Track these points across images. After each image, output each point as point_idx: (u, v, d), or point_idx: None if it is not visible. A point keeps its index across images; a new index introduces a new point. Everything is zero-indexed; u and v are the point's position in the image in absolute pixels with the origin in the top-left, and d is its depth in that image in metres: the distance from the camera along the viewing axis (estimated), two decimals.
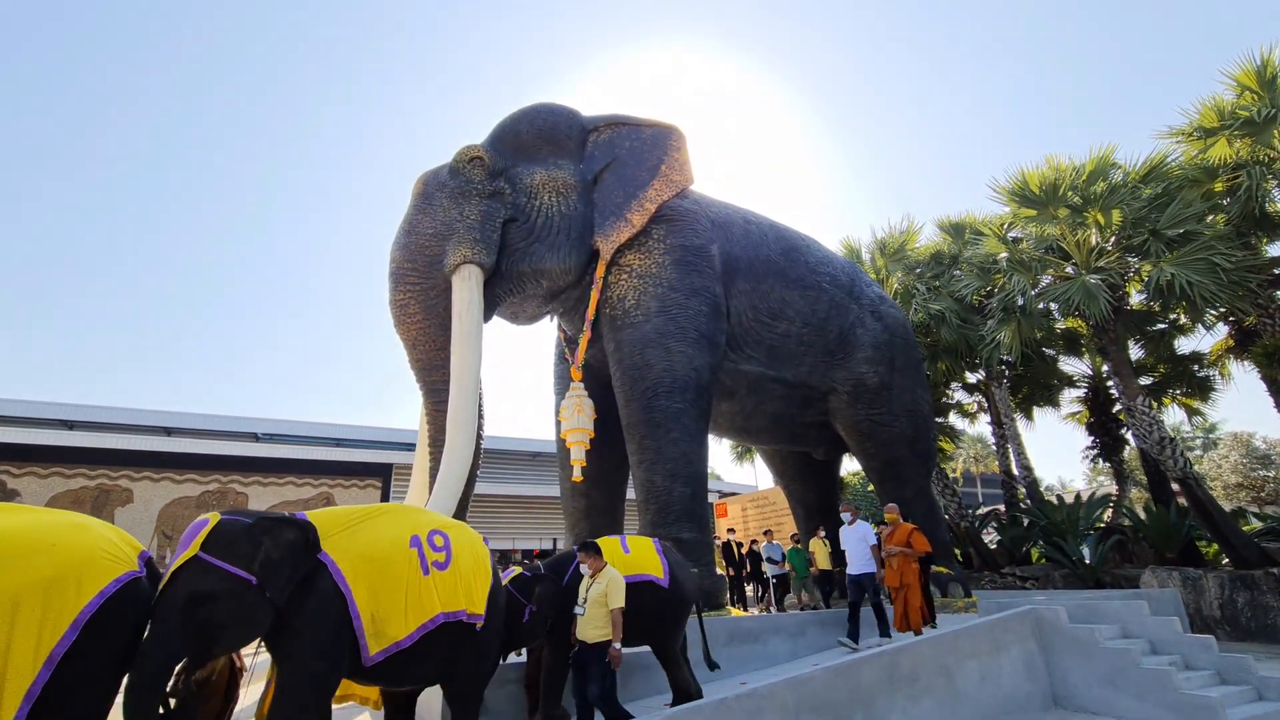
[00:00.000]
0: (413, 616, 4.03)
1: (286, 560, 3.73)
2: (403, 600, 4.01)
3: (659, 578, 5.48)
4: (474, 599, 4.35)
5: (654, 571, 5.49)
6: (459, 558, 4.41)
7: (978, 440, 37.66)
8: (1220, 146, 10.96)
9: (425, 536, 4.32)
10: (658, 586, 5.44)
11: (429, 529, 4.42)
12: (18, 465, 19.25)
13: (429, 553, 4.25)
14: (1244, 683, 6.46)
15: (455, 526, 4.74)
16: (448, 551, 4.36)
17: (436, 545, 4.33)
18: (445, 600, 4.19)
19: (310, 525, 3.91)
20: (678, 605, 5.55)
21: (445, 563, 4.30)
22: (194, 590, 3.41)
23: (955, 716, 6.21)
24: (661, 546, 5.79)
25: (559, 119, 9.41)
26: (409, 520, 4.43)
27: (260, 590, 3.57)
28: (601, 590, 4.91)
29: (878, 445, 10.59)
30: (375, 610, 3.89)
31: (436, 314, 8.27)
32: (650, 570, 5.48)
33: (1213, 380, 14.37)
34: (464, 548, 4.52)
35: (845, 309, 10.49)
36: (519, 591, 5.19)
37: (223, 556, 3.54)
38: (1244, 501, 25.09)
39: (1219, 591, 10.08)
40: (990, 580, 13.22)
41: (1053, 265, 12.41)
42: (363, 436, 26.19)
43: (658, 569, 5.52)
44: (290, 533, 3.81)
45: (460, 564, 4.38)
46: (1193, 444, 34.72)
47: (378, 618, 3.89)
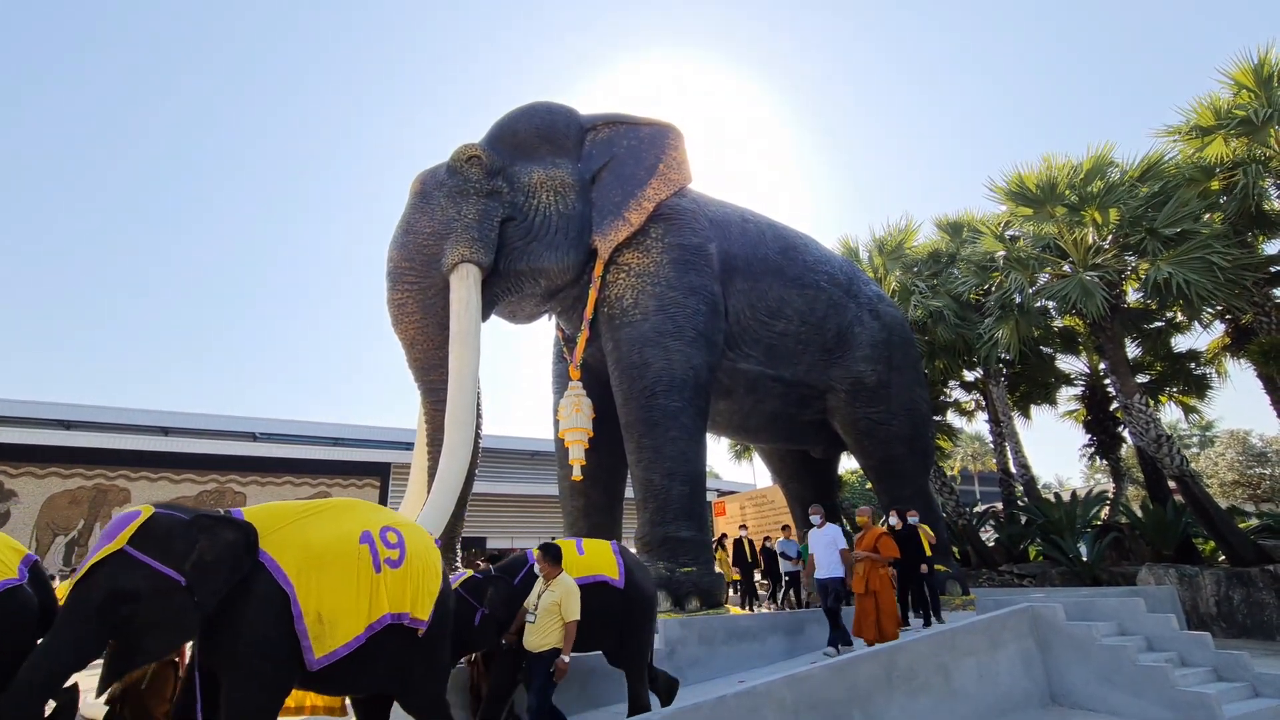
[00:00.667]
0: (363, 616, 3.80)
1: (223, 563, 3.43)
2: (352, 599, 3.78)
3: (613, 578, 5.29)
4: (419, 603, 4.11)
5: (608, 572, 5.30)
6: (413, 558, 4.18)
7: (975, 438, 37.75)
8: (1217, 145, 11.00)
9: (378, 533, 4.11)
10: (611, 587, 5.25)
11: (381, 525, 4.20)
12: (14, 465, 19.21)
13: (382, 549, 4.04)
14: (1240, 679, 6.49)
15: (409, 526, 4.54)
16: (402, 550, 4.15)
17: (390, 542, 4.12)
18: (394, 600, 3.98)
19: (250, 527, 3.63)
20: (634, 606, 5.32)
21: (399, 561, 4.09)
22: (115, 587, 3.10)
23: (953, 714, 6.23)
24: (618, 548, 5.60)
25: (557, 118, 9.40)
26: (360, 516, 4.21)
27: (189, 593, 3.28)
28: (555, 599, 4.69)
29: (876, 443, 10.60)
30: (321, 610, 3.64)
31: (434, 313, 8.26)
32: (604, 571, 5.30)
33: (1209, 378, 14.41)
34: (417, 548, 4.29)
35: (843, 307, 10.50)
36: (470, 594, 5.03)
37: (152, 553, 3.24)
38: (1240, 499, 25.17)
39: (1215, 588, 10.12)
40: (988, 578, 13.26)
41: (1050, 263, 12.44)
42: (361, 436, 26.16)
43: (612, 569, 5.33)
44: (230, 533, 3.52)
45: (413, 564, 4.16)
46: (1189, 442, 34.82)
47: (325, 618, 3.64)
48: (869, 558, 6.96)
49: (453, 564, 8.37)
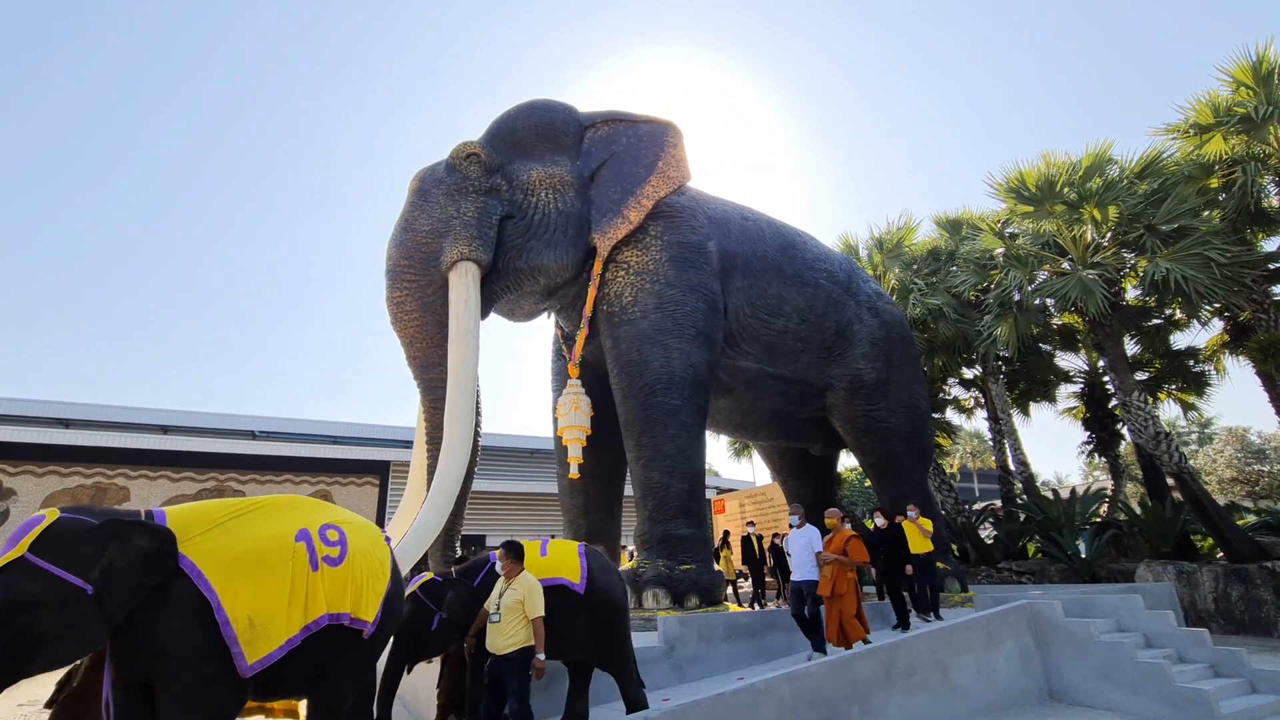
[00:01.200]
0: (298, 617, 3.64)
1: (134, 570, 3.22)
2: (285, 600, 3.62)
3: (573, 582, 5.07)
4: (363, 604, 3.94)
5: (568, 575, 5.09)
6: (355, 556, 4.02)
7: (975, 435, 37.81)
8: (1216, 143, 10.99)
9: (316, 530, 3.95)
10: (570, 591, 5.03)
11: (321, 523, 4.04)
12: (14, 464, 19.19)
13: (320, 547, 3.88)
14: (1237, 675, 6.51)
15: (355, 524, 4.35)
16: (343, 547, 3.98)
17: (330, 539, 3.97)
18: (332, 600, 3.80)
19: (167, 531, 3.42)
20: (603, 612, 5.12)
21: (339, 559, 3.92)
22: (12, 596, 2.91)
23: (951, 711, 6.25)
24: (585, 550, 5.40)
25: (556, 115, 9.39)
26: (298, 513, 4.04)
27: (96, 602, 3.09)
28: (517, 597, 4.55)
29: (875, 441, 10.61)
30: (253, 614, 3.47)
31: (434, 311, 8.26)
32: (564, 574, 5.09)
33: (1208, 375, 14.44)
34: (362, 547, 4.12)
35: (842, 305, 10.51)
36: (428, 598, 4.91)
37: (55, 559, 3.04)
38: (1239, 496, 25.20)
39: (1213, 585, 10.14)
40: (987, 575, 13.29)
41: (1049, 261, 12.45)
42: (360, 434, 26.14)
43: (573, 573, 5.12)
44: (143, 538, 3.30)
45: (355, 563, 4.00)
46: (1188, 439, 34.87)
47: (256, 622, 3.47)
48: (837, 561, 6.78)
49: (452, 562, 8.39)
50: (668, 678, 6.35)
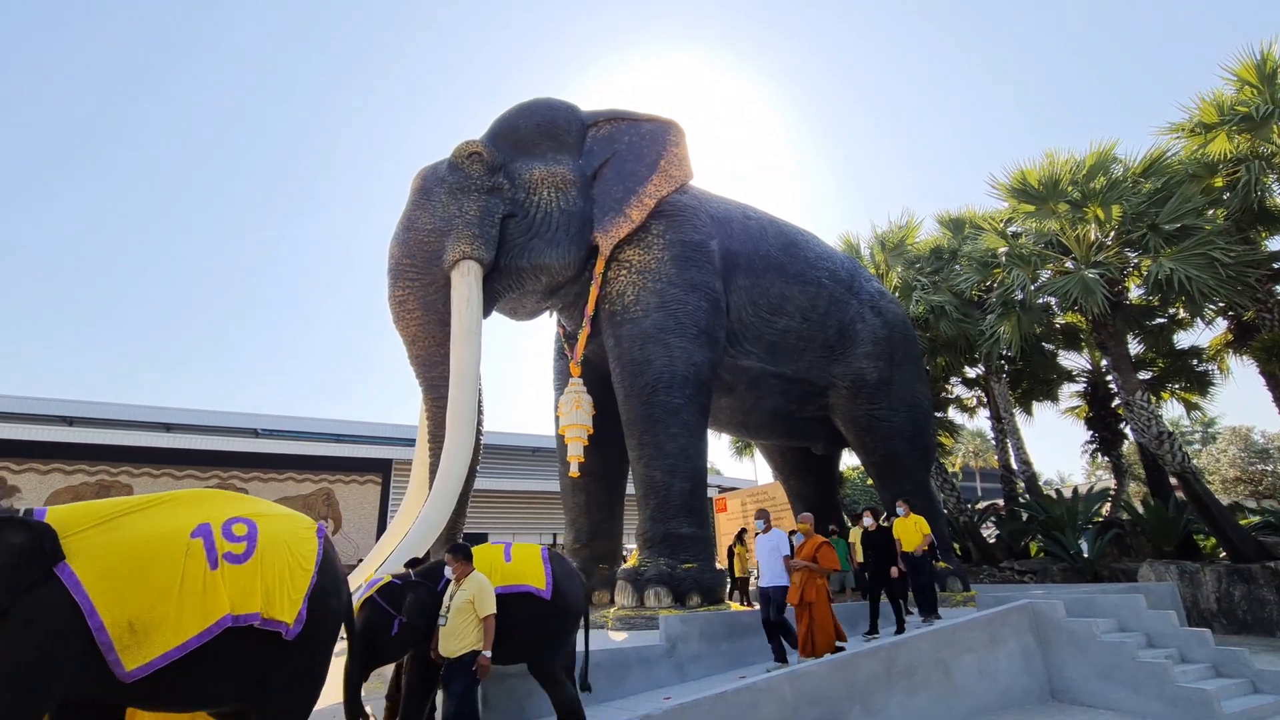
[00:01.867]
0: (192, 619, 3.35)
1: (4, 570, 3.03)
2: (175, 601, 3.33)
3: (539, 589, 4.97)
4: (276, 601, 3.63)
5: (534, 582, 4.99)
6: (266, 551, 3.71)
7: (977, 435, 37.69)
8: (1220, 141, 10.95)
9: (219, 525, 3.67)
10: (536, 598, 4.94)
11: (227, 517, 3.75)
12: (18, 462, 19.27)
13: (222, 543, 3.60)
14: (1240, 675, 6.50)
15: (272, 516, 4.02)
16: (250, 542, 3.69)
17: (235, 534, 3.68)
18: (236, 600, 3.49)
19: (46, 529, 3.20)
20: (560, 619, 5.03)
21: (244, 555, 3.63)
22: None
23: (952, 710, 6.25)
24: (549, 555, 5.29)
25: (558, 114, 9.38)
26: (201, 508, 3.78)
27: None
28: (467, 598, 4.43)
29: (877, 440, 10.60)
30: (135, 617, 3.21)
31: (436, 310, 8.27)
32: (530, 580, 4.99)
33: (1211, 375, 14.40)
34: (276, 540, 3.80)
35: (845, 304, 10.49)
36: (387, 601, 4.77)
37: None
38: (1242, 496, 25.14)
39: (1216, 585, 10.13)
40: (988, 574, 13.28)
41: (1052, 260, 12.42)
42: (363, 432, 26.19)
43: (539, 579, 5.01)
44: (16, 536, 3.10)
45: (266, 559, 3.69)
46: (1191, 438, 34.78)
47: (139, 626, 3.21)
48: (807, 567, 6.57)
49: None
50: (669, 676, 6.36)
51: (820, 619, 6.48)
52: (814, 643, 6.39)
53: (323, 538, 4.16)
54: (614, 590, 8.19)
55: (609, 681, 5.99)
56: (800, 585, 6.53)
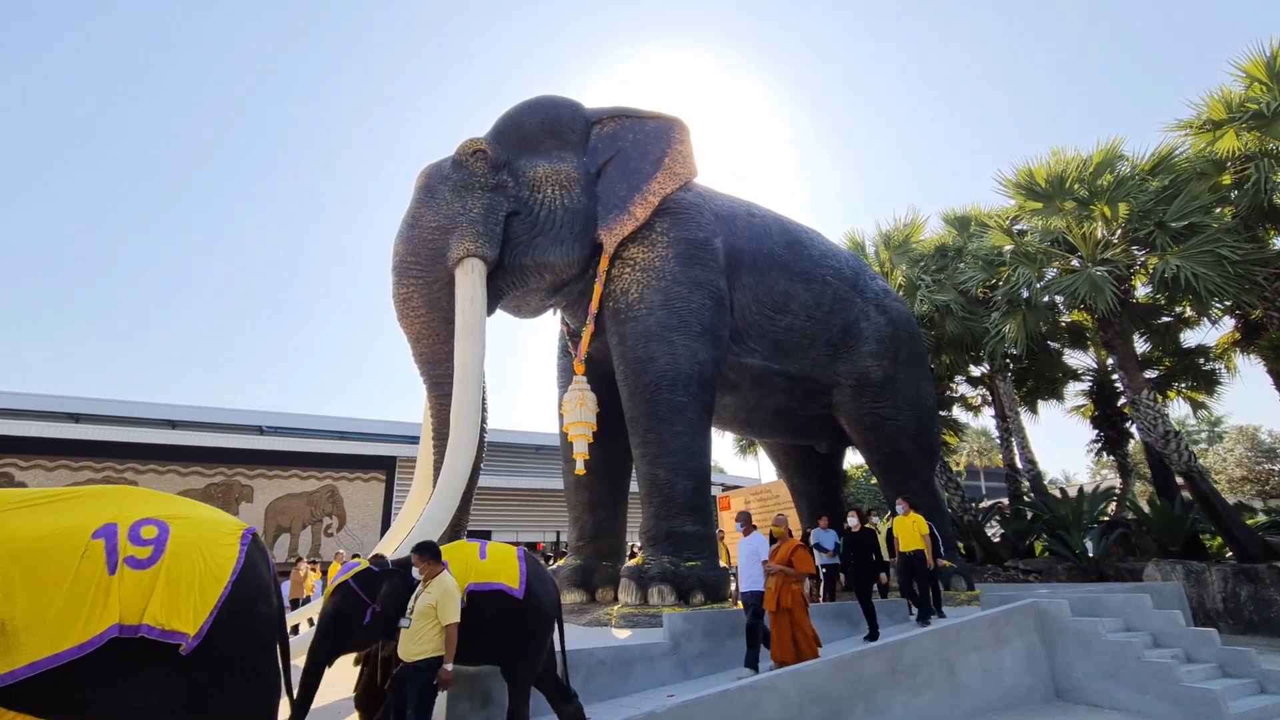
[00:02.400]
0: (73, 628, 3.06)
1: None
2: (59, 606, 3.05)
3: (512, 587, 4.86)
4: (180, 611, 3.32)
5: (507, 581, 4.89)
6: (175, 557, 3.42)
7: (982, 433, 37.60)
8: (1228, 139, 10.87)
9: (127, 526, 3.38)
10: (509, 597, 4.83)
11: (139, 518, 3.46)
12: (25, 458, 19.39)
13: (125, 546, 3.30)
14: (1246, 675, 6.47)
15: (191, 519, 3.72)
16: (158, 547, 3.39)
17: (143, 537, 3.39)
18: (127, 609, 3.19)
19: None
20: (533, 620, 4.89)
21: (149, 560, 3.33)
22: None
23: (956, 709, 6.24)
24: (523, 555, 5.20)
25: (562, 111, 9.37)
26: (111, 506, 3.50)
27: None
28: (431, 601, 4.25)
29: (881, 439, 10.57)
30: (8, 619, 2.96)
31: (440, 308, 8.28)
32: (504, 579, 4.89)
33: (1218, 374, 14.32)
34: (188, 546, 3.51)
35: (849, 302, 10.46)
36: (362, 588, 4.67)
37: None
38: (1248, 495, 25.04)
39: (1222, 585, 10.08)
40: (993, 573, 13.25)
41: (1058, 258, 12.36)
42: (367, 429, 26.26)
43: (512, 578, 4.92)
44: None
45: (175, 565, 3.39)
46: (1198, 437, 34.61)
47: (10, 628, 2.95)
48: (782, 572, 6.36)
49: None
50: (673, 674, 6.35)
51: (798, 624, 6.31)
52: (796, 646, 6.21)
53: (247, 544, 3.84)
54: (618, 588, 8.20)
55: (612, 679, 6.00)
56: (776, 590, 6.35)
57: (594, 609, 8.51)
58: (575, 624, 7.97)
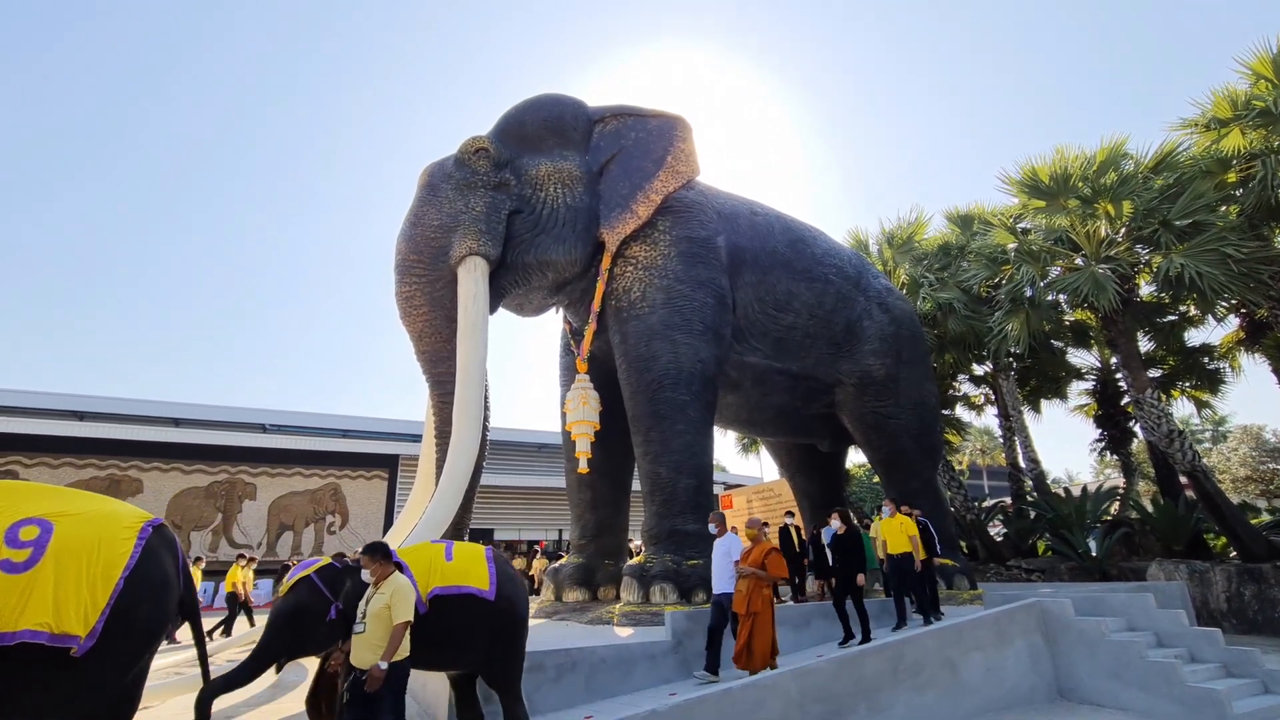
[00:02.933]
0: None
1: None
2: None
3: (482, 590, 4.63)
4: (66, 614, 3.20)
5: (477, 583, 4.65)
6: (62, 557, 3.29)
7: (984, 432, 37.58)
8: (1234, 137, 10.82)
9: (4, 529, 3.28)
10: (480, 600, 4.60)
11: (19, 518, 3.34)
12: (29, 455, 19.46)
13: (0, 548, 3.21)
14: (1250, 675, 6.45)
15: (79, 516, 3.57)
16: (38, 548, 3.26)
17: (22, 539, 3.27)
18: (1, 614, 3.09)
19: None
20: (506, 622, 4.68)
21: (25, 563, 3.21)
22: None
23: (959, 708, 6.23)
24: (493, 555, 4.97)
25: (564, 110, 9.37)
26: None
27: None
28: (384, 602, 3.99)
29: (884, 438, 10.56)
30: None
31: (442, 306, 8.28)
32: (473, 582, 4.65)
33: (1223, 373, 14.28)
34: (74, 545, 3.37)
35: (852, 301, 10.44)
36: (326, 585, 4.50)
37: None
38: (1253, 495, 24.95)
39: (1226, 585, 10.05)
40: (996, 573, 13.22)
41: (1062, 256, 12.33)
42: (369, 428, 26.33)
43: (482, 580, 4.68)
44: None
45: (53, 567, 3.26)
46: (1202, 437, 34.52)
47: None
48: (754, 575, 6.12)
49: None
50: (675, 672, 6.36)
51: (761, 630, 6.01)
52: (751, 652, 5.93)
53: (144, 540, 3.68)
54: (620, 586, 8.20)
55: (615, 677, 6.00)
56: (747, 593, 6.10)
57: (596, 607, 8.52)
58: (578, 622, 7.99)
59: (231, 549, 20.62)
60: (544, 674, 5.69)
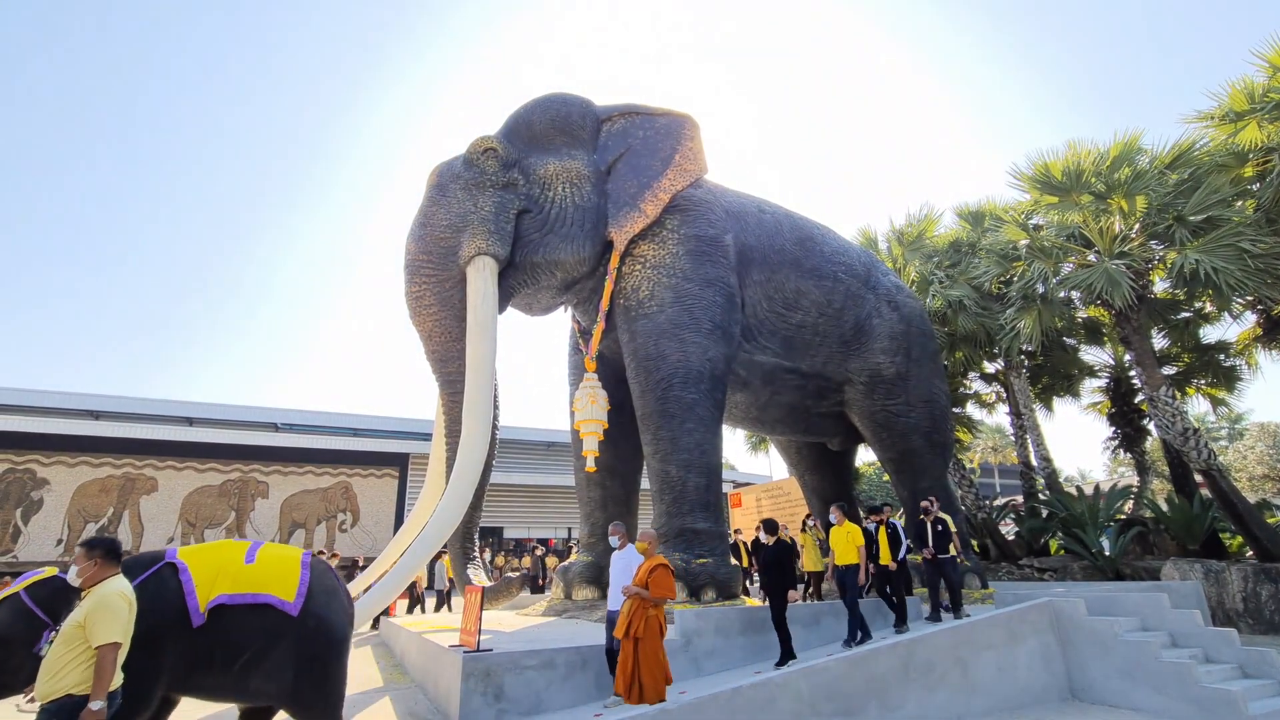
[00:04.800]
0: None
1: None
2: None
3: (284, 601, 3.77)
4: None
5: (278, 592, 3.78)
6: None
7: (996, 430, 37.29)
8: (1250, 130, 10.66)
9: None
10: (279, 613, 3.74)
11: None
12: (47, 455, 19.74)
13: None
14: (1267, 677, 6.37)
15: None
16: None
17: None
18: None
19: None
20: (314, 644, 3.82)
21: None
22: None
23: (970, 707, 6.20)
24: (310, 561, 4.10)
25: (572, 109, 9.38)
26: None
27: None
28: (78, 619, 3.02)
29: (894, 436, 10.51)
30: None
31: (452, 306, 8.34)
32: (273, 590, 3.78)
33: (1239, 370, 14.09)
34: None
35: (861, 299, 10.40)
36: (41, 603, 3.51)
37: None
38: (1269, 493, 24.65)
39: (1242, 584, 9.93)
40: (1008, 572, 13.12)
41: (1074, 252, 12.20)
42: (380, 426, 26.52)
43: (286, 589, 3.82)
44: None
45: None
46: (1217, 435, 34.11)
47: None
48: (638, 595, 5.31)
49: (471, 554, 8.48)
50: (685, 671, 6.37)
51: (648, 657, 5.17)
52: (640, 686, 5.12)
53: None
54: None
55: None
56: (629, 615, 5.29)
57: (605, 605, 8.54)
58: (588, 620, 8.02)
59: None
60: (555, 671, 5.71)
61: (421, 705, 6.20)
